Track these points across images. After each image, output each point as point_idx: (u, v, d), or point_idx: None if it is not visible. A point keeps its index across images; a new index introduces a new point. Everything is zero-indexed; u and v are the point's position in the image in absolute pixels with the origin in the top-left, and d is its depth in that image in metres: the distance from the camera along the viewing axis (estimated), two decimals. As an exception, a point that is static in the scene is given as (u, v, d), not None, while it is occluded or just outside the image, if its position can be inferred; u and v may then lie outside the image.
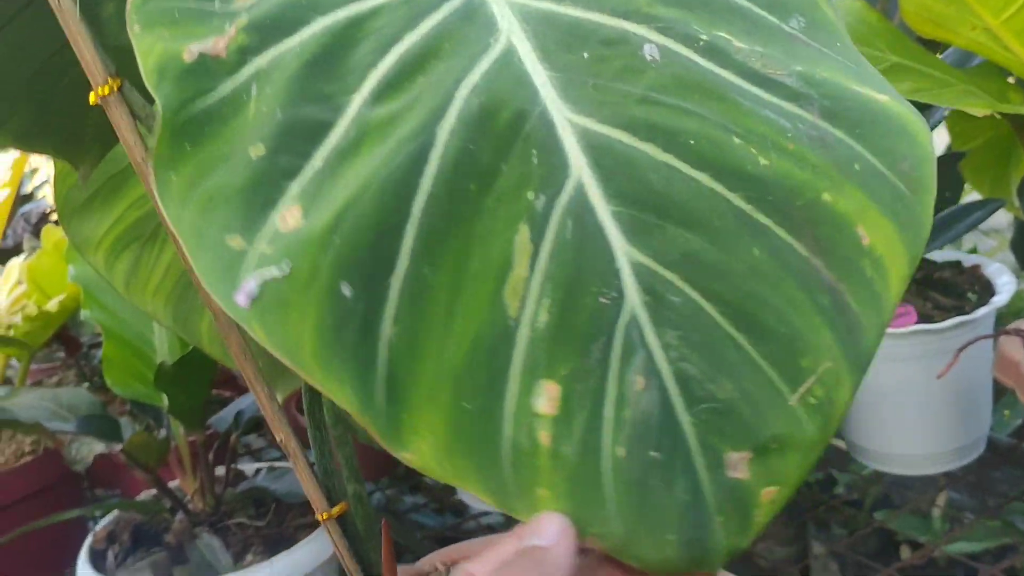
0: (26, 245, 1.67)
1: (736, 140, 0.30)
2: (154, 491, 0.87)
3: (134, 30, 0.31)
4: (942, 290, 0.98)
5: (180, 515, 0.80)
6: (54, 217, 1.90)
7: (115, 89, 0.38)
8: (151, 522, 0.82)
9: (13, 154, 1.07)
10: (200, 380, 0.75)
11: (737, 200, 0.29)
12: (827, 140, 0.31)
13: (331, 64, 0.31)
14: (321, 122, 0.30)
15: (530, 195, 0.29)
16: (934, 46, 0.75)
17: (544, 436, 0.28)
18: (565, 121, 0.30)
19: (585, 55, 0.31)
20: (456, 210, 0.29)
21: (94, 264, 0.62)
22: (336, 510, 0.45)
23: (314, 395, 0.50)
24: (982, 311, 0.90)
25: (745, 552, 0.29)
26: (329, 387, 0.28)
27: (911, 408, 0.97)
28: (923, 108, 1.01)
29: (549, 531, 0.28)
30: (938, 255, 1.10)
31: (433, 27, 0.31)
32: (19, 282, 1.19)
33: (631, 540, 0.28)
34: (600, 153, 0.30)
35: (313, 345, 0.28)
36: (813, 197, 0.30)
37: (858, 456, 1.08)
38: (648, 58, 0.31)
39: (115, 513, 0.85)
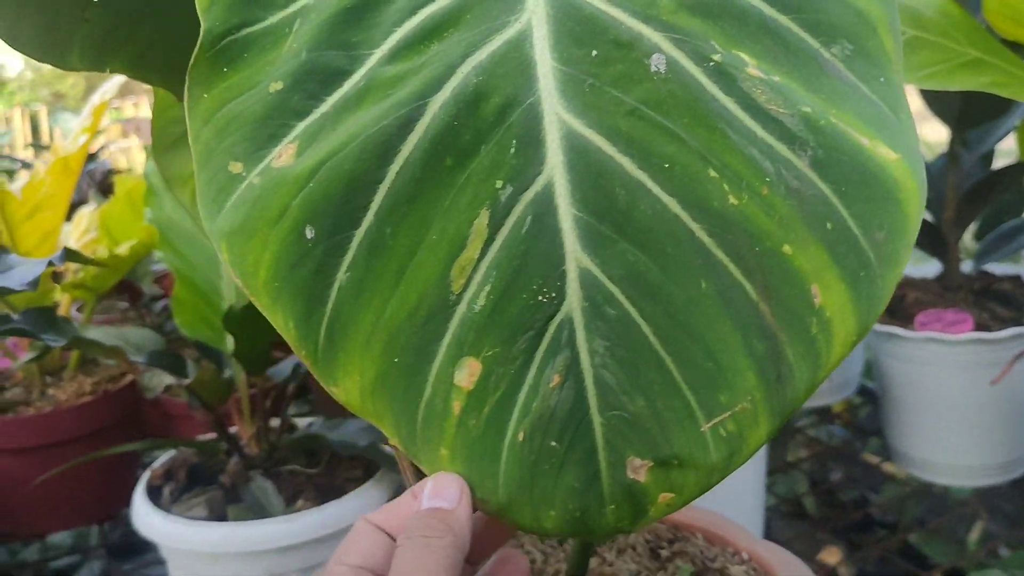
0: (92, 201, 1.71)
1: (712, 173, 0.30)
2: (212, 435, 0.90)
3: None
4: (1001, 301, 0.98)
5: (235, 458, 0.82)
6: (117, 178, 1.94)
7: None
8: (207, 463, 0.85)
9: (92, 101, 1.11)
10: (266, 326, 0.77)
11: (698, 231, 0.30)
12: (805, 194, 0.30)
13: (364, 15, 0.32)
14: (339, 69, 0.32)
15: (499, 183, 0.30)
16: (1015, 47, 0.75)
17: (456, 405, 0.31)
18: (554, 116, 0.30)
19: (594, 52, 0.31)
20: (428, 180, 0.31)
21: (181, 199, 0.65)
22: None
23: None
24: (1039, 324, 0.89)
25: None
26: (274, 317, 0.31)
27: (959, 417, 0.97)
28: (999, 109, 0.99)
29: (450, 493, 0.31)
30: (998, 268, 1.09)
31: None
32: (88, 229, 1.22)
33: (511, 507, 0.31)
34: (577, 155, 0.30)
35: (267, 275, 0.31)
36: (772, 247, 0.30)
37: (899, 462, 1.07)
38: (652, 68, 0.31)
39: (172, 453, 0.88)
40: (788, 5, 0.33)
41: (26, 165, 1.65)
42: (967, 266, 1.07)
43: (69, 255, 0.59)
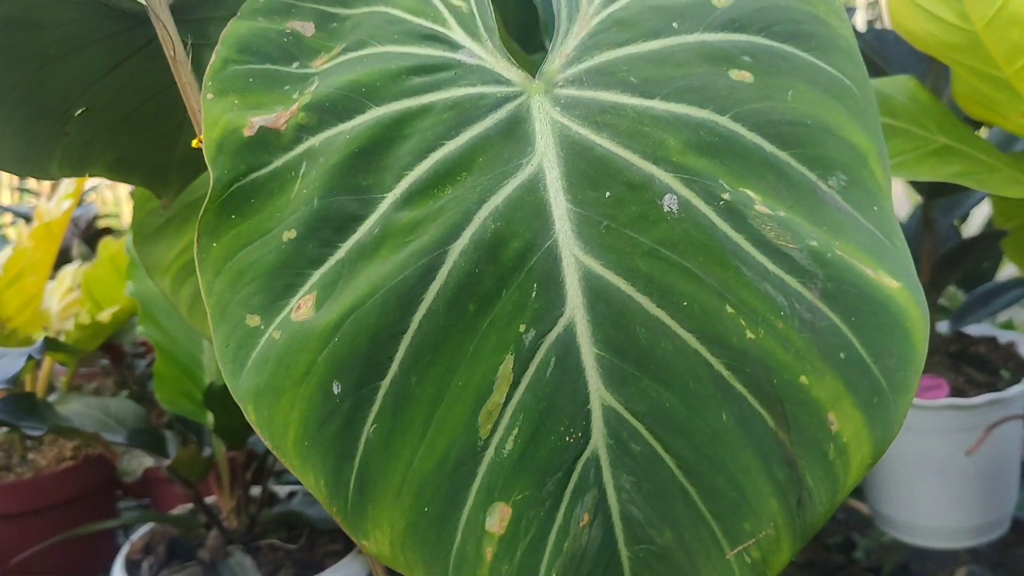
0: (75, 250, 1.71)
1: (728, 309, 0.31)
2: (190, 505, 0.89)
3: (207, 97, 0.34)
4: (976, 365, 0.99)
5: (215, 532, 0.82)
6: (102, 223, 1.95)
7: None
8: (186, 536, 0.85)
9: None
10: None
11: (718, 366, 0.31)
12: (818, 325, 0.31)
13: (373, 158, 0.33)
14: (352, 215, 0.32)
15: (522, 327, 0.31)
16: (978, 123, 0.77)
17: (489, 551, 0.31)
18: (572, 258, 0.31)
19: (607, 194, 0.32)
20: (452, 328, 0.31)
21: (161, 287, 0.65)
22: None
23: None
24: (1015, 390, 0.90)
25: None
26: (304, 477, 0.31)
27: (937, 481, 0.98)
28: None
29: None
30: (974, 329, 1.10)
31: (472, 138, 0.33)
32: (71, 289, 1.22)
33: None
34: (597, 296, 0.31)
35: (296, 435, 0.30)
36: (790, 378, 0.31)
37: (880, 524, 1.08)
38: (666, 209, 0.32)
39: (150, 525, 0.87)
40: (787, 141, 0.34)
41: (18, 215, 1.65)
42: (943, 326, 1.08)
43: (49, 344, 0.60)
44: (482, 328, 0.31)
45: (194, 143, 0.41)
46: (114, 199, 2.51)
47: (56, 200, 1.06)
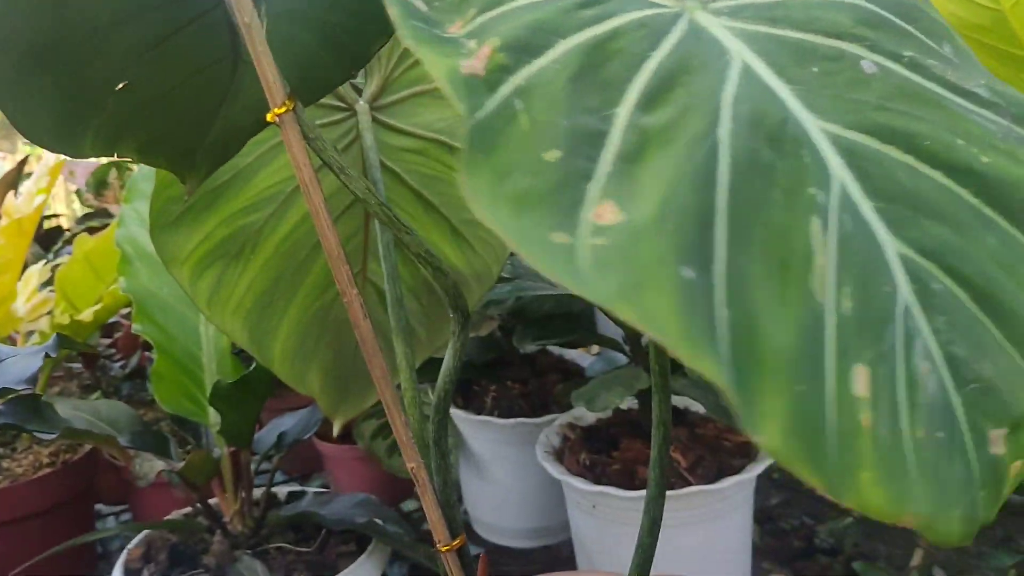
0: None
1: (959, 141, 0.33)
2: (187, 509, 0.86)
3: (408, 43, 0.33)
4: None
5: (219, 536, 0.79)
6: (48, 224, 1.87)
7: (290, 109, 0.39)
8: (187, 541, 0.81)
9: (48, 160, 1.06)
10: (255, 401, 0.75)
11: (967, 195, 0.32)
12: None
13: (589, 79, 0.33)
14: (597, 131, 0.31)
15: (811, 190, 0.31)
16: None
17: (865, 418, 0.29)
18: (815, 126, 0.32)
19: (815, 69, 0.34)
20: (751, 203, 0.30)
21: (178, 278, 0.62)
22: (456, 542, 0.45)
23: (442, 425, 0.51)
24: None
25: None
26: (701, 364, 0.28)
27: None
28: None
29: None
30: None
31: (673, 47, 0.34)
32: (37, 289, 1.17)
33: (935, 518, 0.29)
34: (851, 155, 0.32)
35: (677, 324, 0.28)
36: None
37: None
38: (868, 71, 0.34)
39: (145, 531, 0.84)
40: (908, 16, 0.38)
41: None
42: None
43: (63, 342, 0.56)
44: (778, 197, 0.31)
45: (268, 116, 0.39)
46: (65, 197, 2.42)
47: (26, 196, 1.02)
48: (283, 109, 0.38)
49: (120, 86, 0.44)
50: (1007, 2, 0.61)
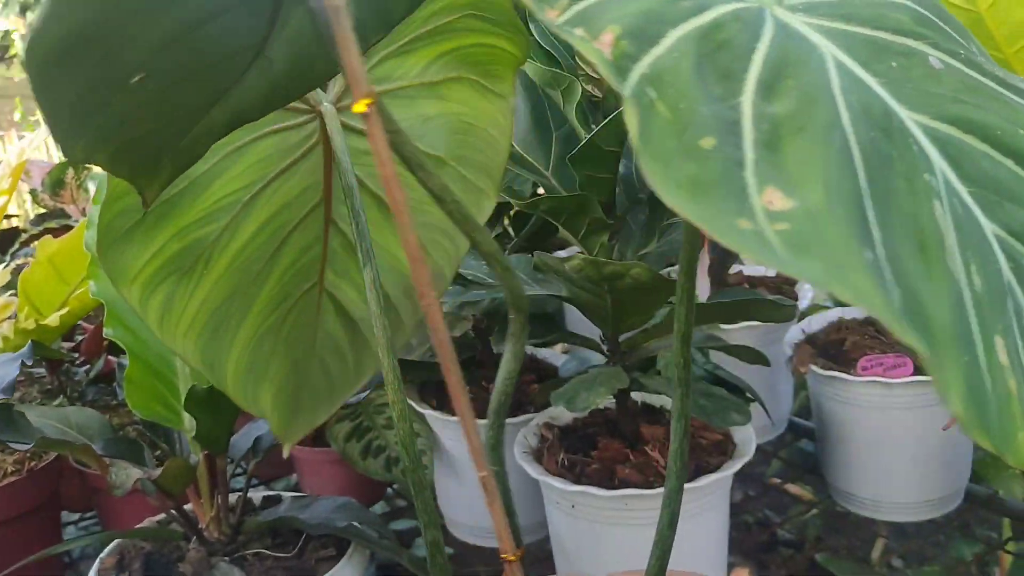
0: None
1: (1021, 131, 0.36)
2: (160, 516, 0.85)
3: (555, 21, 0.34)
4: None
5: (195, 543, 0.78)
6: (3, 224, 1.83)
7: (374, 102, 0.38)
8: (162, 550, 0.80)
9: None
10: (231, 406, 0.74)
11: None
12: None
13: (709, 69, 0.34)
14: (732, 119, 0.32)
15: (927, 176, 0.33)
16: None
17: (1012, 384, 0.32)
18: (908, 118, 0.35)
19: (893, 64, 0.36)
20: (885, 188, 0.32)
21: (128, 297, 0.60)
22: (520, 551, 0.46)
23: (498, 436, 0.51)
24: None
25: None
26: (909, 338, 0.29)
27: (902, 457, 1.01)
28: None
29: None
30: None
31: (771, 39, 0.35)
32: (-2, 293, 1.15)
33: None
34: (942, 144, 0.35)
35: (881, 299, 0.29)
36: None
37: (842, 501, 1.11)
38: (937, 67, 0.37)
39: (117, 540, 0.82)
40: (943, 17, 0.41)
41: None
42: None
43: (38, 349, 0.55)
44: (902, 184, 0.32)
45: (355, 108, 0.38)
46: (17, 198, 2.37)
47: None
48: (371, 100, 0.38)
49: (136, 78, 0.42)
50: (984, 3, 0.62)
